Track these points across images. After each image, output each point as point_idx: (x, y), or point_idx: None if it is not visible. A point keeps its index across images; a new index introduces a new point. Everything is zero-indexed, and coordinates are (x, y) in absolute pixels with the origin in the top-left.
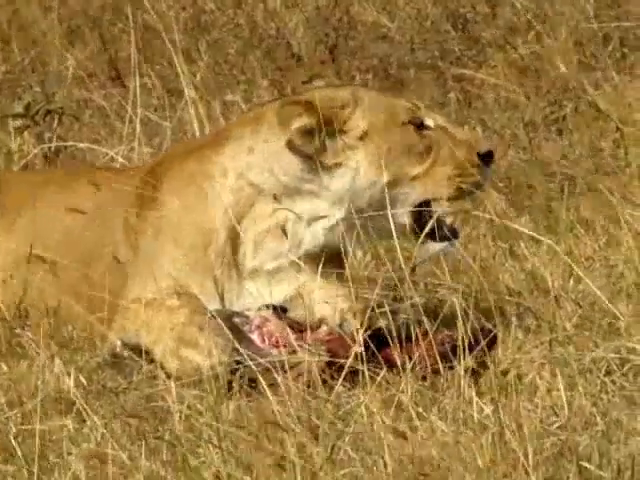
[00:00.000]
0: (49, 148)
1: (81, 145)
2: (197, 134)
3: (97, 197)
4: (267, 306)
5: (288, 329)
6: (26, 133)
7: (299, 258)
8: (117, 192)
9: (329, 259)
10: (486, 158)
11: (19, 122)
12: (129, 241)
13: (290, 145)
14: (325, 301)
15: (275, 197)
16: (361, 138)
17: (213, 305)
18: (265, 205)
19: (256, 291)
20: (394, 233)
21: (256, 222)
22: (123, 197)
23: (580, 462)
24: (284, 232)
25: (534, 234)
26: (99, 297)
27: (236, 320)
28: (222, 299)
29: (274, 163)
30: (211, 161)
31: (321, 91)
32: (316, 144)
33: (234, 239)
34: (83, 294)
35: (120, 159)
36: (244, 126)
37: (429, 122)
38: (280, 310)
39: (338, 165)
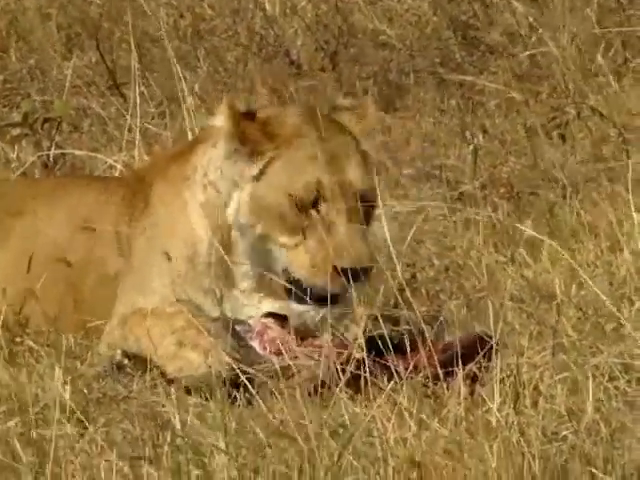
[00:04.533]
0: (47, 156)
1: (79, 153)
2: None
3: (85, 207)
4: (268, 314)
5: (289, 336)
6: (24, 141)
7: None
8: (105, 202)
9: None
10: (347, 274)
11: (17, 131)
12: (121, 251)
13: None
14: None
15: (225, 203)
16: (255, 179)
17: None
18: (225, 217)
19: (249, 303)
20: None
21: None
22: (112, 206)
23: (586, 467)
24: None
25: (537, 234)
26: (91, 310)
27: (237, 327)
28: (220, 308)
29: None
30: (187, 162)
31: (286, 111)
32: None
33: (220, 245)
34: (78, 305)
35: (119, 167)
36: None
37: (322, 209)
38: (281, 318)
39: (235, 186)
